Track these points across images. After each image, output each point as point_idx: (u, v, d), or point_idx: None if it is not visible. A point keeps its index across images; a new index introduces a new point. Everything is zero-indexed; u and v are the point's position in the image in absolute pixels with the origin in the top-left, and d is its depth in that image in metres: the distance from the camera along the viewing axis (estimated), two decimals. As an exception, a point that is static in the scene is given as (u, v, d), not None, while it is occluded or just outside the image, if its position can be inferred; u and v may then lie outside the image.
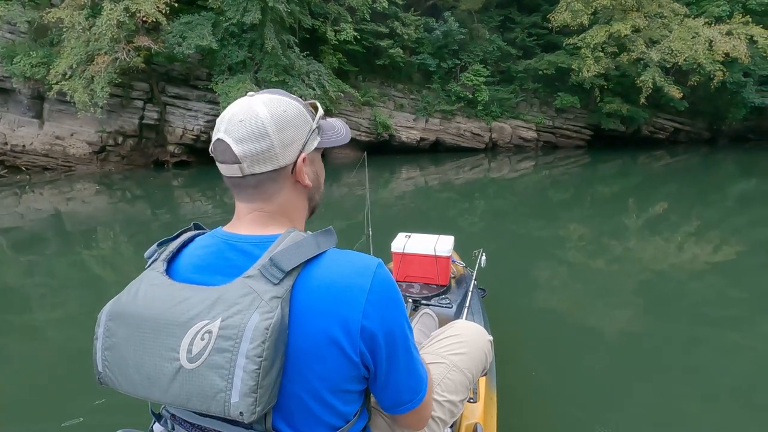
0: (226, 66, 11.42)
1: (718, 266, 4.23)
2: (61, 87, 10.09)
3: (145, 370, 0.62)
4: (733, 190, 8.74)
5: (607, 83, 15.38)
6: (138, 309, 0.64)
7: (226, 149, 0.67)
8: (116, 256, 5.07)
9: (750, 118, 18.64)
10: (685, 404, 2.09)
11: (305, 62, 11.94)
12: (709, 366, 2.43)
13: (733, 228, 5.67)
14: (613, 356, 2.53)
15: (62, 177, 10.89)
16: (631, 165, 13.34)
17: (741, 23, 13.45)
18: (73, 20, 9.65)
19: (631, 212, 6.74)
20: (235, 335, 0.57)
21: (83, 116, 10.68)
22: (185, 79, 12.33)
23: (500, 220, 6.34)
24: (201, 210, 7.51)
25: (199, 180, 10.76)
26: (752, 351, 2.60)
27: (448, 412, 0.98)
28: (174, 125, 11.96)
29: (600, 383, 2.26)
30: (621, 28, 13.23)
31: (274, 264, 0.61)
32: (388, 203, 7.45)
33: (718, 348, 2.65)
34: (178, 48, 10.35)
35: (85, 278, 4.31)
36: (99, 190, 9.52)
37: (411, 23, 14.64)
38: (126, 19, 9.51)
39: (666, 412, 2.02)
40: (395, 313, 0.68)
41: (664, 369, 2.37)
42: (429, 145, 15.93)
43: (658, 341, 2.68)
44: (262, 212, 0.71)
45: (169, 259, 0.70)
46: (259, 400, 0.57)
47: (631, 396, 2.13)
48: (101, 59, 9.76)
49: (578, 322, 2.95)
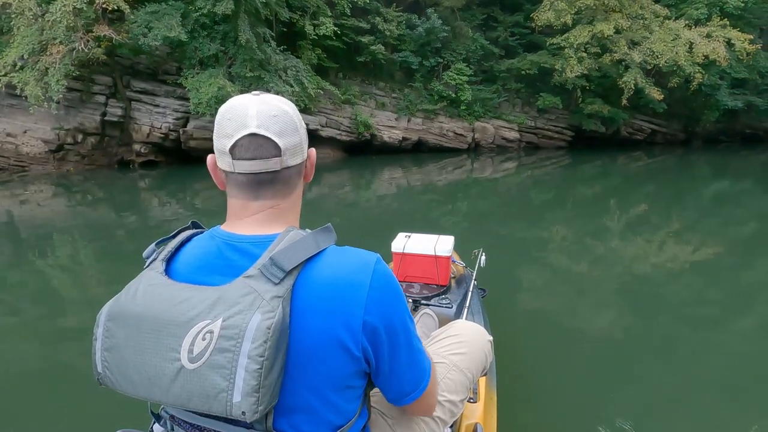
0: (197, 60, 10.71)
1: (714, 265, 4.27)
2: (10, 79, 9.22)
3: (146, 371, 0.62)
4: (707, 191, 8.99)
5: (588, 84, 15.43)
6: (137, 309, 0.64)
7: (264, 143, 0.67)
8: (74, 265, 4.57)
9: (722, 120, 19.20)
10: (686, 404, 2.09)
11: (282, 57, 11.35)
12: (715, 366, 2.42)
13: (712, 228, 5.88)
14: (613, 356, 2.54)
15: (15, 178, 10.02)
16: (611, 166, 13.50)
17: (719, 26, 13.66)
18: (22, 5, 8.78)
19: (613, 213, 6.88)
20: (237, 335, 0.57)
21: (37, 112, 9.79)
22: (153, 74, 11.54)
23: (488, 221, 6.23)
24: (171, 213, 7.06)
25: (168, 181, 10.24)
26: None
27: (448, 412, 0.98)
28: (140, 122, 11.16)
29: (600, 383, 2.28)
30: (604, 28, 13.24)
31: (274, 263, 0.62)
32: (370, 205, 7.27)
33: (721, 347, 2.66)
34: (144, 39, 9.60)
35: (39, 289, 3.84)
36: (56, 192, 8.80)
37: (393, 19, 14.25)
38: (84, 5, 8.71)
39: (666, 412, 2.02)
40: (396, 306, 0.69)
41: (665, 369, 2.38)
42: (411, 146, 15.63)
43: (658, 341, 2.69)
44: (276, 209, 0.72)
45: (167, 259, 0.70)
46: (261, 400, 0.57)
47: (632, 395, 2.14)
48: (56, 49, 8.92)
49: (578, 322, 2.97)
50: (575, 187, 9.82)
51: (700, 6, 14.79)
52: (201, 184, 9.99)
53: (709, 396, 2.17)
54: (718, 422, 1.98)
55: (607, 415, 1.96)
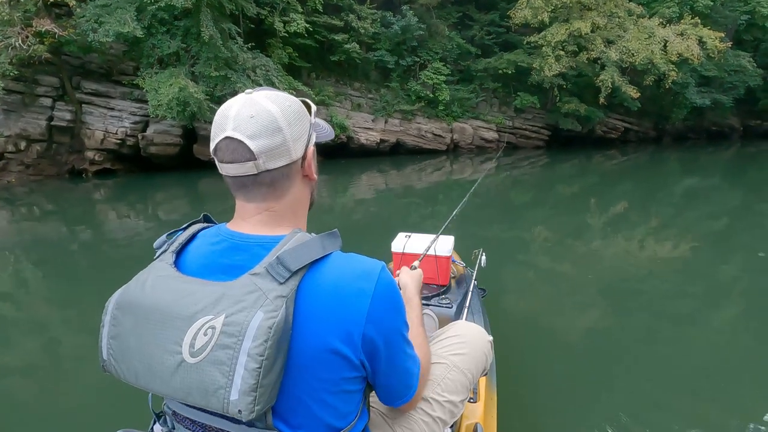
0: (156, 58, 9.83)
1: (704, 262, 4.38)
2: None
3: (148, 361, 0.62)
4: (678, 187, 9.36)
5: (565, 83, 15.42)
6: (145, 300, 0.64)
7: (238, 147, 0.66)
8: (18, 287, 4.04)
9: (689, 118, 19.80)
10: (687, 405, 2.11)
11: (251, 55, 10.60)
12: (713, 365, 2.46)
13: (688, 223, 6.09)
14: (613, 356, 2.54)
15: (-55, 192, 8.91)
16: (588, 164, 13.77)
17: (691, 24, 13.86)
18: (-53, -4, 7.73)
19: (601, 212, 7.03)
20: (238, 332, 0.56)
21: (-31, 117, 8.70)
22: (107, 74, 10.55)
23: (469, 224, 6.17)
24: (131, 226, 6.56)
25: (127, 191, 9.42)
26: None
27: (448, 413, 0.97)
28: (93, 127, 10.14)
29: (600, 382, 2.28)
30: (581, 26, 13.19)
31: (280, 262, 0.61)
32: (347, 210, 7.07)
33: (713, 343, 2.72)
34: (93, 35, 8.69)
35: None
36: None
37: (367, 16, 13.71)
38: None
39: (666, 412, 2.03)
40: (396, 318, 0.70)
41: (669, 366, 2.38)
42: (389, 148, 15.17)
43: (662, 339, 2.69)
44: (271, 212, 0.71)
45: (177, 251, 0.70)
46: (258, 399, 0.56)
47: (632, 394, 2.14)
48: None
49: (578, 322, 2.99)
50: (553, 187, 9.92)
51: (671, 5, 15.02)
52: (164, 194, 9.25)
53: (714, 390, 2.19)
54: (726, 414, 2.00)
55: (608, 415, 1.97)
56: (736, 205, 7.32)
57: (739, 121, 22.47)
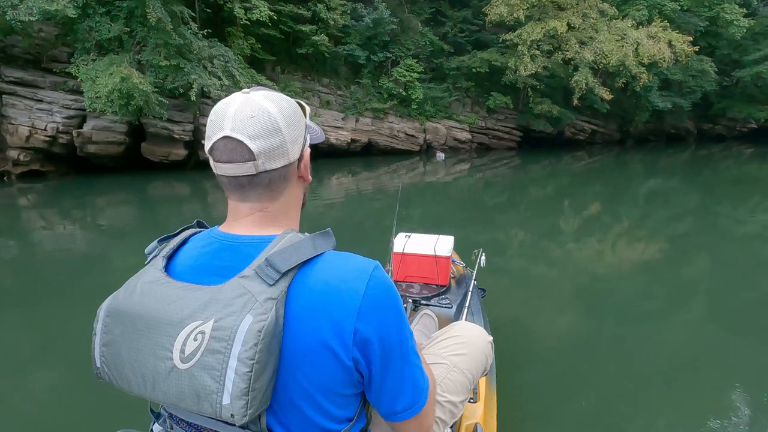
0: (93, 43, 8.53)
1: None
2: None
3: (140, 368, 0.61)
4: (642, 188, 9.77)
5: (539, 83, 15.26)
6: (134, 306, 0.63)
7: (237, 147, 0.64)
8: None
9: (650, 120, 20.38)
10: (687, 404, 2.10)
11: (207, 44, 9.49)
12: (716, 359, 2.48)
13: (656, 224, 6.23)
14: (612, 356, 2.53)
15: None
16: (558, 165, 13.95)
17: (660, 27, 14.02)
18: None
19: (567, 214, 7.10)
20: (228, 337, 0.56)
21: None
22: (35, 60, 9.11)
23: (444, 224, 6.02)
24: (65, 236, 5.73)
25: (60, 196, 8.23)
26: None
27: (448, 413, 0.97)
28: (16, 122, 8.69)
29: (600, 382, 2.25)
30: (557, 25, 12.99)
31: (269, 264, 0.60)
32: (316, 213, 6.60)
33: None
34: (12, 13, 7.31)
35: None
36: None
37: (336, 7, 12.85)
38: None
39: (667, 411, 2.01)
40: (391, 318, 0.65)
41: (666, 368, 2.38)
42: (361, 148, 14.40)
43: (662, 340, 2.69)
44: (265, 213, 0.69)
45: (168, 256, 0.69)
46: (250, 403, 0.56)
47: (632, 394, 2.13)
48: None
49: (578, 322, 3.00)
50: (530, 187, 10.02)
51: (641, 8, 15.19)
52: (106, 199, 8.11)
53: (712, 389, 2.20)
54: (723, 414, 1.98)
55: (608, 414, 1.98)
56: (696, 206, 7.72)
57: (694, 125, 23.48)
